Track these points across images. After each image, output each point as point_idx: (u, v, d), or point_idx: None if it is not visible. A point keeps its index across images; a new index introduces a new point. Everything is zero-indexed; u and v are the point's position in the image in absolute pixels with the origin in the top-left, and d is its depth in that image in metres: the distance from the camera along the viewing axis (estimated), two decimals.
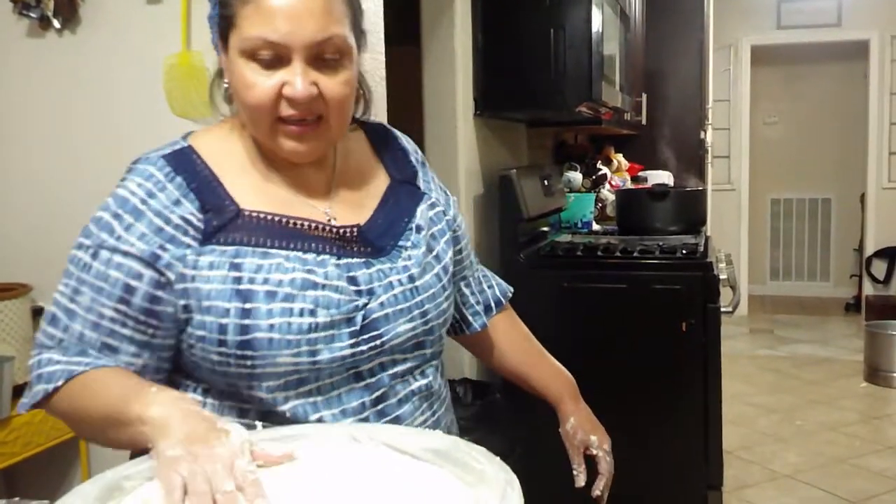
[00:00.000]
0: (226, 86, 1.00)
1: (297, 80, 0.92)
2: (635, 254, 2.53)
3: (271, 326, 0.92)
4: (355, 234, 1.02)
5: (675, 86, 4.43)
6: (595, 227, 3.33)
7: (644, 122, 3.98)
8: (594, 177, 3.68)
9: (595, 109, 2.69)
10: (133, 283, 0.92)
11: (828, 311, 6.66)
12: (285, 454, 0.83)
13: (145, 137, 1.99)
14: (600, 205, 3.59)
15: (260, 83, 0.93)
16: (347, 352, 0.95)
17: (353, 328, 0.96)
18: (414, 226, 1.06)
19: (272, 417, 0.96)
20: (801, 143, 7.04)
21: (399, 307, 1.00)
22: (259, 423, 0.96)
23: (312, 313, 0.93)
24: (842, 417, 4.14)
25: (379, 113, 1.87)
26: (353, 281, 0.97)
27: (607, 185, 3.72)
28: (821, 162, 7.01)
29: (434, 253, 1.07)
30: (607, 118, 2.98)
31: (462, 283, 1.23)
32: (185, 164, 0.98)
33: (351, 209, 1.04)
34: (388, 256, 1.02)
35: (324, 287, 0.95)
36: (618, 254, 2.56)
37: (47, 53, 2.03)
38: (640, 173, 4.21)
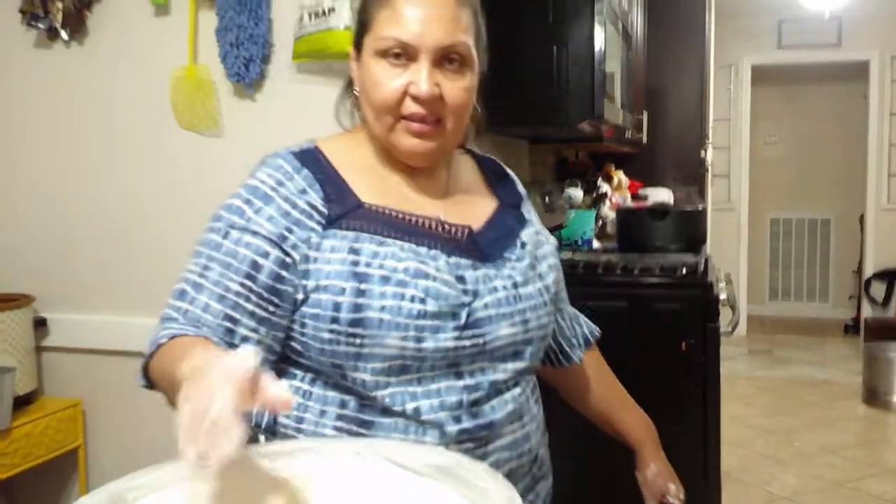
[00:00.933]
0: (356, 93, 1.08)
1: (422, 79, 1.00)
2: (636, 272, 2.53)
3: (383, 308, 0.96)
4: (466, 235, 1.07)
5: (675, 104, 4.45)
6: (595, 244, 3.33)
7: (645, 139, 3.99)
8: (595, 194, 3.69)
9: (596, 127, 2.70)
10: (260, 260, 0.98)
11: (826, 332, 6.66)
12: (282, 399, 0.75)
13: (151, 150, 2.01)
14: (601, 222, 3.60)
15: (388, 80, 1.01)
16: (451, 344, 0.99)
17: (457, 322, 0.99)
18: (519, 242, 1.12)
19: (370, 406, 0.99)
20: (801, 163, 7.06)
21: (502, 311, 1.04)
22: (262, 437, 0.97)
23: (423, 301, 0.97)
24: (840, 440, 4.13)
25: None
26: (460, 279, 1.02)
27: (608, 203, 3.73)
28: (820, 182, 7.03)
29: (538, 271, 1.12)
30: (608, 135, 2.99)
31: (558, 315, 1.26)
32: (312, 159, 1.05)
33: (463, 217, 1.09)
34: (494, 264, 1.07)
35: (434, 279, 0.99)
36: (618, 272, 2.56)
37: (55, 64, 2.05)
38: (641, 191, 4.21)
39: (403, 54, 1.01)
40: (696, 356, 2.33)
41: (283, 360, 1.04)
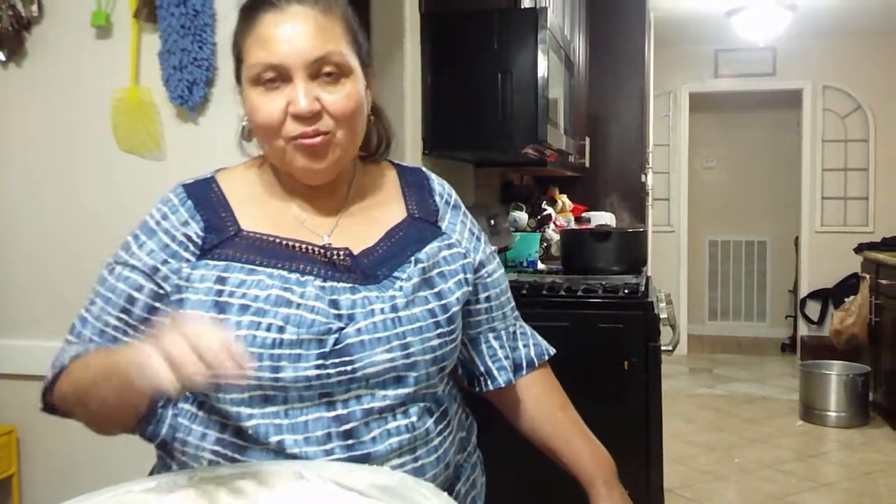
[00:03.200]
0: (244, 123, 1.08)
1: (299, 96, 0.99)
2: (579, 293, 2.58)
3: (237, 338, 0.94)
4: (343, 258, 1.04)
5: (617, 130, 4.56)
6: (540, 266, 3.38)
7: (587, 164, 4.07)
8: (539, 217, 3.74)
9: (540, 151, 2.75)
10: (135, 294, 1.01)
11: (764, 350, 6.83)
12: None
13: (91, 173, 1.98)
14: (545, 244, 3.65)
15: (265, 105, 1.01)
16: (313, 373, 0.96)
17: (322, 350, 0.96)
18: (413, 259, 1.07)
19: (243, 435, 0.98)
20: (738, 187, 7.26)
21: (377, 335, 0.99)
22: (296, 450, 0.97)
23: (280, 329, 0.96)
24: (778, 455, 4.23)
25: None
26: (334, 304, 0.99)
27: (552, 226, 3.79)
28: (757, 205, 7.24)
29: (435, 289, 1.06)
30: (552, 160, 3.05)
31: (490, 335, 1.20)
32: (201, 191, 1.07)
33: (353, 238, 1.07)
34: (379, 285, 1.03)
35: (298, 306, 0.97)
36: (562, 293, 2.60)
37: None
38: (584, 214, 4.29)
39: (277, 77, 1.00)
40: (638, 374, 2.38)
41: None
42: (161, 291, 1.01)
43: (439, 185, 1.21)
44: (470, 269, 1.13)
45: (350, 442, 0.98)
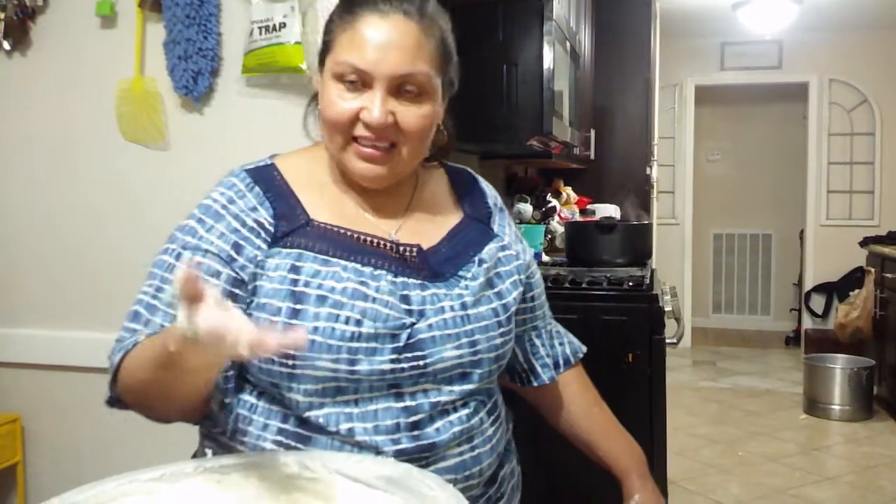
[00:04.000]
0: (317, 105, 1.07)
1: (374, 106, 1.00)
2: (584, 285, 2.57)
3: (315, 329, 0.95)
4: (414, 254, 1.05)
5: (622, 122, 4.54)
6: (545, 258, 3.37)
7: (592, 156, 4.06)
8: (544, 209, 3.73)
9: (545, 143, 2.74)
10: (212, 280, 0.98)
11: (768, 344, 6.82)
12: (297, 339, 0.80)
13: (97, 162, 1.98)
14: (550, 236, 3.64)
15: (341, 102, 1.01)
16: (387, 367, 0.97)
17: (396, 344, 0.98)
18: (477, 259, 1.09)
19: (307, 424, 0.98)
20: (743, 181, 7.25)
21: (447, 332, 1.01)
22: (209, 451, 0.97)
23: (358, 323, 0.96)
24: (782, 449, 4.22)
25: None
26: (405, 300, 1.00)
27: (557, 218, 3.78)
28: (762, 199, 7.22)
29: (496, 289, 1.09)
30: (557, 152, 3.04)
31: (533, 333, 1.24)
32: (266, 177, 1.06)
33: (418, 235, 1.08)
34: (446, 283, 1.05)
35: (374, 300, 0.98)
36: (567, 285, 2.60)
37: None
38: (589, 206, 4.28)
39: (359, 80, 1.00)
40: (642, 367, 2.38)
41: (239, 375, 1.03)
42: (238, 278, 0.98)
43: (487, 187, 1.23)
44: (523, 269, 1.16)
45: (416, 433, 0.99)
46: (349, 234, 1.03)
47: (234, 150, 1.18)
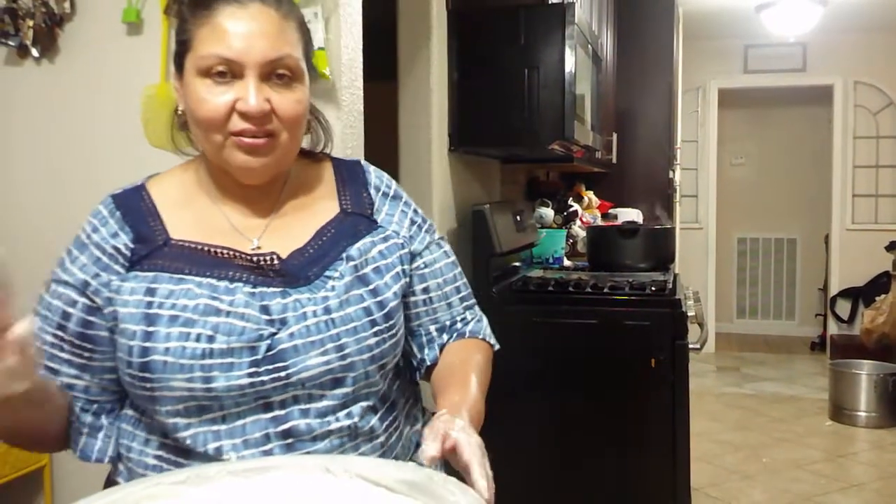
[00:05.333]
0: (179, 114, 1.06)
1: (250, 94, 0.97)
2: (605, 290, 2.56)
3: (167, 350, 0.94)
4: (271, 262, 1.01)
5: (644, 126, 4.52)
6: (566, 262, 3.37)
7: (614, 160, 4.05)
8: (565, 213, 3.73)
9: (567, 147, 2.74)
10: (69, 309, 1.00)
11: (793, 349, 6.75)
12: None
13: (122, 168, 2.00)
14: (571, 241, 3.64)
15: (212, 98, 0.98)
16: (245, 381, 0.95)
17: (254, 357, 0.95)
18: (345, 256, 1.04)
19: (178, 445, 0.98)
20: (768, 184, 7.18)
21: (311, 339, 0.97)
22: (233, 455, 0.97)
23: (210, 339, 0.94)
24: (807, 455, 4.18)
25: (356, 146, 1.89)
26: (265, 310, 0.98)
27: (578, 222, 3.77)
28: (786, 203, 7.16)
29: (370, 287, 1.03)
30: (579, 156, 3.04)
31: (432, 326, 1.14)
32: (130, 200, 1.05)
33: (284, 239, 1.04)
34: (310, 286, 1.01)
35: (227, 314, 0.96)
36: (588, 289, 2.59)
37: (25, 82, 2.03)
38: (611, 210, 4.27)
39: (228, 71, 0.97)
40: (665, 372, 2.37)
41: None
42: (93, 305, 0.99)
43: (377, 177, 1.16)
44: (408, 259, 1.10)
45: (289, 441, 0.97)
46: (206, 248, 1.01)
47: None
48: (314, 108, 1.11)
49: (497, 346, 1.20)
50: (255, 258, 1.01)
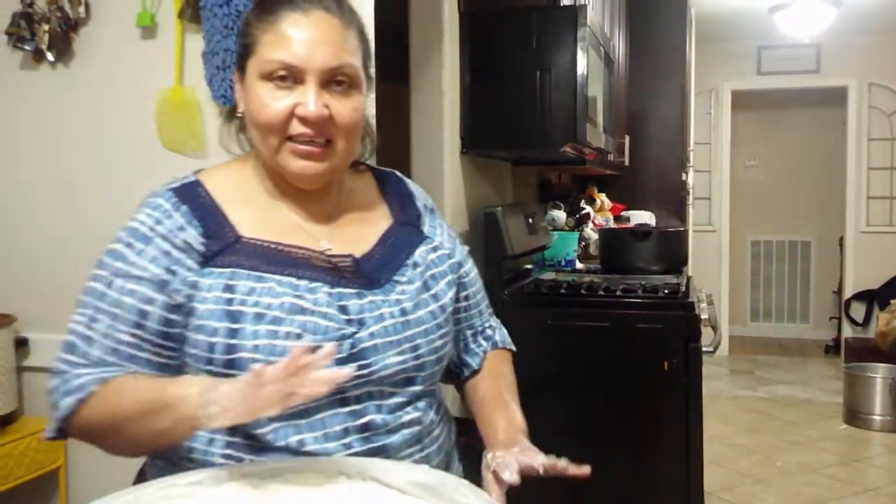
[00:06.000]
0: (239, 116, 1.08)
1: (310, 100, 0.99)
2: (618, 292, 2.56)
3: (256, 347, 0.95)
4: (349, 264, 1.05)
5: (657, 128, 4.51)
6: (578, 265, 3.36)
7: (627, 163, 4.04)
8: (578, 216, 3.72)
9: (579, 150, 2.74)
10: (146, 307, 0.98)
11: (807, 352, 6.71)
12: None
13: (137, 171, 2.02)
14: (583, 243, 3.63)
15: (274, 102, 1.00)
16: None
17: (339, 356, 0.97)
18: (411, 262, 1.09)
19: (257, 441, 0.98)
20: (781, 187, 7.15)
21: (389, 339, 1.01)
22: (249, 458, 0.97)
23: (298, 337, 0.96)
24: (821, 459, 4.15)
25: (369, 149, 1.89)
26: (343, 310, 1.00)
27: (590, 224, 3.76)
28: (800, 205, 7.12)
29: (432, 292, 1.09)
30: (591, 158, 3.03)
31: (468, 332, 1.23)
32: (191, 195, 1.04)
33: (350, 242, 1.07)
34: (382, 289, 1.05)
35: (312, 313, 0.98)
36: (601, 292, 2.58)
37: (40, 86, 2.05)
38: (623, 213, 4.26)
39: (289, 77, 1.00)
40: (678, 376, 2.36)
41: None
42: (173, 303, 0.98)
43: (416, 189, 1.22)
44: (456, 268, 1.16)
45: (367, 434, 1.00)
46: (280, 248, 1.02)
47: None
48: (366, 118, 1.13)
49: (513, 349, 1.28)
50: (333, 259, 1.04)
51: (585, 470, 1.01)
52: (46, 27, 1.99)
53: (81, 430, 0.99)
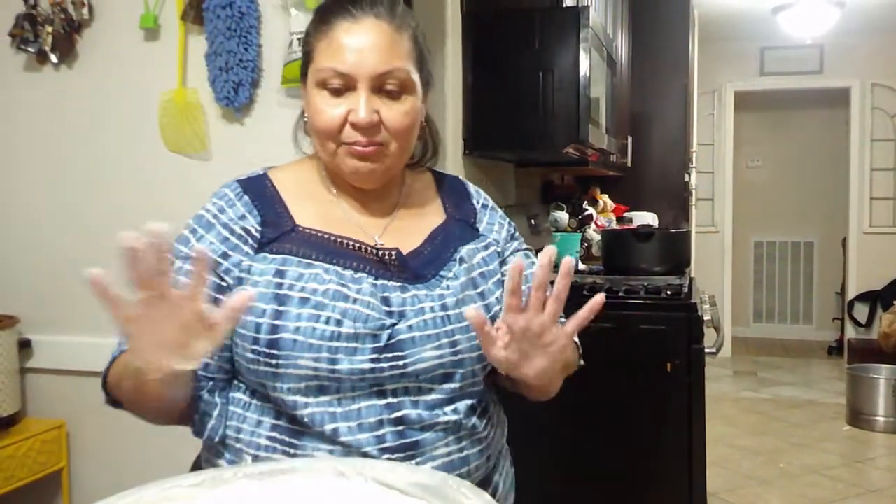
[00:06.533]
0: (305, 119, 1.10)
1: (360, 106, 1.03)
2: (621, 293, 2.56)
3: (297, 329, 0.99)
4: (394, 258, 1.07)
5: (660, 129, 4.51)
6: (581, 266, 3.36)
7: (630, 163, 4.03)
8: (580, 217, 3.72)
9: (582, 151, 2.74)
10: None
11: (810, 353, 6.70)
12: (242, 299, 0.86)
13: (140, 172, 2.02)
14: (586, 244, 3.63)
15: (328, 109, 1.04)
16: (367, 366, 0.99)
17: (376, 344, 1.00)
18: (457, 258, 1.10)
19: (298, 423, 1.01)
20: (784, 187, 7.14)
21: (427, 332, 1.03)
22: (248, 458, 0.98)
23: (339, 323, 0.99)
24: (825, 460, 4.14)
25: None
26: (386, 301, 1.03)
27: (593, 226, 3.76)
28: (803, 206, 7.11)
29: (479, 290, 1.10)
30: (594, 159, 3.03)
31: None
32: (256, 186, 1.10)
33: (402, 238, 1.10)
34: (427, 284, 1.07)
35: (355, 301, 1.01)
36: (603, 293, 2.58)
37: (44, 87, 2.06)
38: (626, 214, 4.25)
39: (342, 84, 1.03)
40: (681, 377, 2.35)
41: (234, 374, 1.07)
42: (224, 284, 1.02)
43: (475, 191, 1.24)
44: (495, 258, 1.16)
45: (401, 428, 1.01)
46: (332, 238, 1.06)
47: (274, 159, 1.19)
48: (429, 120, 1.16)
49: (583, 362, 1.22)
50: (378, 252, 1.07)
51: (598, 299, 0.97)
52: (50, 29, 1.99)
53: (117, 397, 1.05)
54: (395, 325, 1.01)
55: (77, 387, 2.10)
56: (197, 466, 1.13)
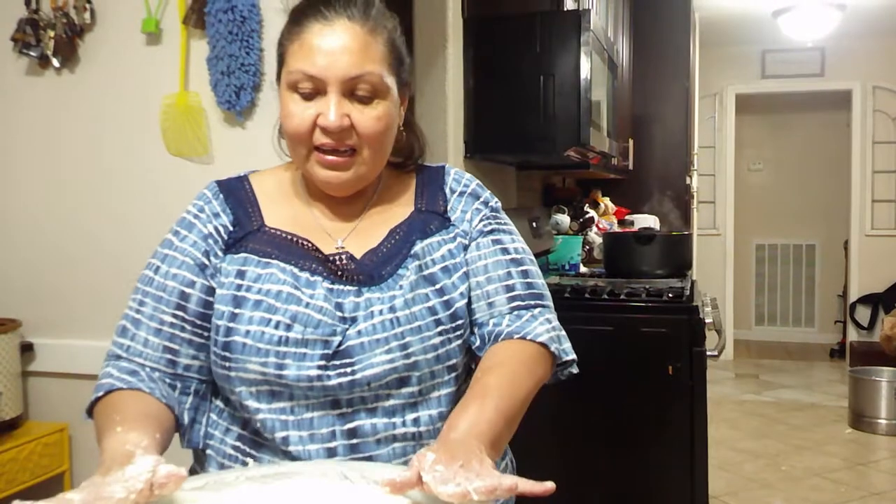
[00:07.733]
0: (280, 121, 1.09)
1: (330, 110, 1.00)
2: (622, 296, 2.56)
3: (247, 332, 0.98)
4: (344, 261, 1.05)
5: (661, 132, 4.51)
6: (582, 269, 3.36)
7: (631, 166, 4.04)
8: (581, 220, 3.72)
9: (583, 154, 2.74)
10: (187, 290, 1.03)
11: (812, 356, 6.69)
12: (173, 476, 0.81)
13: (141, 176, 2.02)
14: (588, 247, 3.63)
15: (298, 112, 1.02)
16: (314, 372, 0.97)
17: (325, 351, 0.97)
18: (412, 255, 1.05)
19: (257, 435, 1.01)
20: (786, 190, 7.14)
21: (376, 337, 0.99)
22: (251, 461, 0.99)
23: (288, 328, 0.97)
24: (827, 463, 4.14)
25: None
26: (339, 307, 1.00)
27: (594, 228, 3.76)
28: (805, 208, 7.11)
29: (437, 286, 1.03)
30: (595, 163, 3.03)
31: (474, 327, 1.08)
32: (233, 187, 1.10)
33: (363, 240, 1.08)
34: (381, 286, 1.03)
35: (307, 305, 0.99)
36: (605, 296, 2.58)
37: (46, 92, 2.06)
38: (627, 217, 4.25)
39: (313, 87, 1.01)
40: (682, 379, 2.36)
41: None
42: (210, 286, 1.03)
43: (455, 178, 1.14)
44: (483, 256, 1.09)
45: (354, 441, 0.98)
46: (293, 238, 1.05)
47: (274, 163, 1.19)
48: (411, 123, 1.14)
49: (552, 346, 1.06)
50: (331, 256, 1.05)
51: (547, 486, 0.81)
52: (52, 33, 2.00)
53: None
54: (346, 331, 0.99)
55: (79, 390, 2.09)
56: (194, 472, 1.13)
